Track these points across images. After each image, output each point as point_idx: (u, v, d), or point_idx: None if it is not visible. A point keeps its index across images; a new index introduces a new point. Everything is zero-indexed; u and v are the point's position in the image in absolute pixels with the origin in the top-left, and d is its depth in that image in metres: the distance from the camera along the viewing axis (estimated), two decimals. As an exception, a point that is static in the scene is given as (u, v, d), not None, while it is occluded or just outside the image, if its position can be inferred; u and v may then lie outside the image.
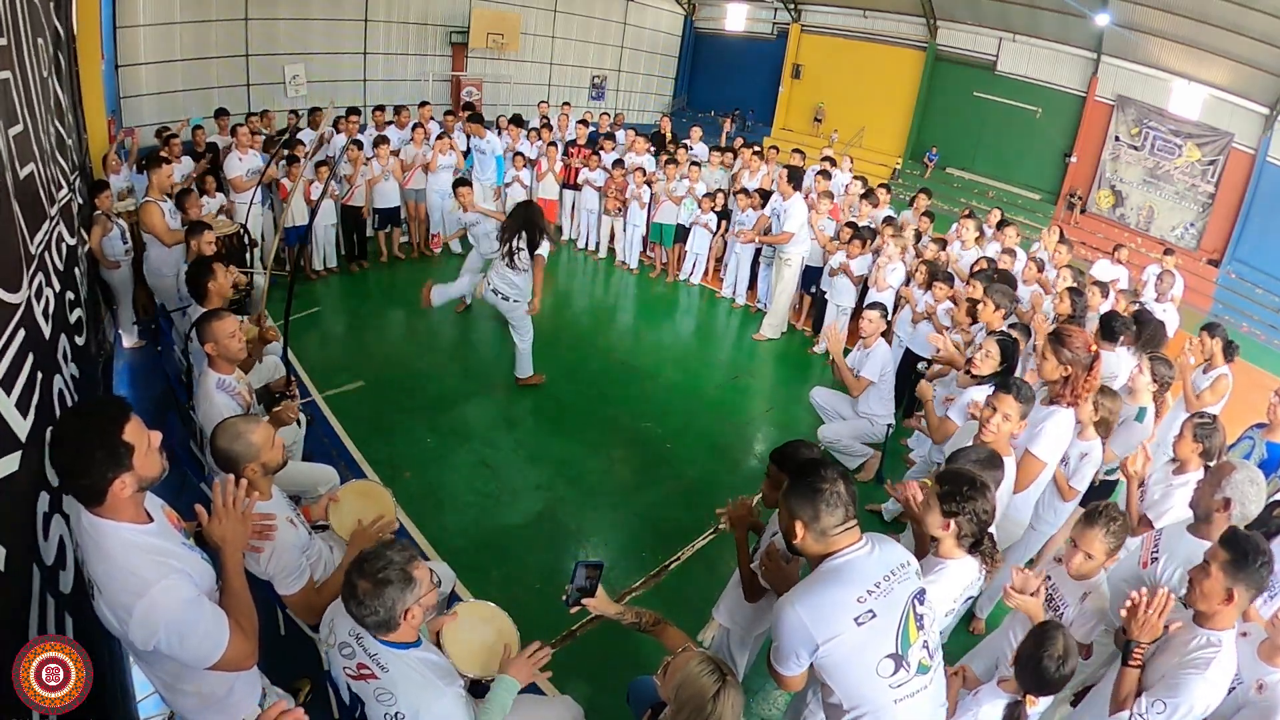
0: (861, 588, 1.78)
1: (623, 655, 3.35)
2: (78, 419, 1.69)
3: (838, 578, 1.81)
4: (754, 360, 7.02)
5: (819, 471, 1.86)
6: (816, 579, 1.84)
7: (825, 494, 1.80)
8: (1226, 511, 2.49)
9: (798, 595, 1.82)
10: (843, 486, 1.83)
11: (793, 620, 1.78)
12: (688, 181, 8.16)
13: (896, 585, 1.82)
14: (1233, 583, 1.99)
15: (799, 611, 1.78)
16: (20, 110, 2.64)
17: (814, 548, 1.86)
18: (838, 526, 1.81)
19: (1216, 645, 2.02)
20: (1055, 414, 3.02)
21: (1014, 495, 3.03)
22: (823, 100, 17.77)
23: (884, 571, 1.82)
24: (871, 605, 1.76)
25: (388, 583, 1.78)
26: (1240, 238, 12.78)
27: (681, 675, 1.72)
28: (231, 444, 2.24)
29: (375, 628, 1.82)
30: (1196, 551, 2.47)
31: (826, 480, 1.82)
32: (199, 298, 3.70)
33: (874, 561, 1.83)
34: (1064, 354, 3.01)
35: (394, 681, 1.84)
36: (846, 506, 1.82)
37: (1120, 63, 13.51)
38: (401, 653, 1.87)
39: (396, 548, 1.87)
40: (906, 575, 1.86)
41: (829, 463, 1.94)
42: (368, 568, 1.80)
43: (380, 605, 1.78)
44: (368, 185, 7.36)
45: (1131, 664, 2.09)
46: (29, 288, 2.38)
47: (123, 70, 9.83)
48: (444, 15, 14.21)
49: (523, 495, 4.45)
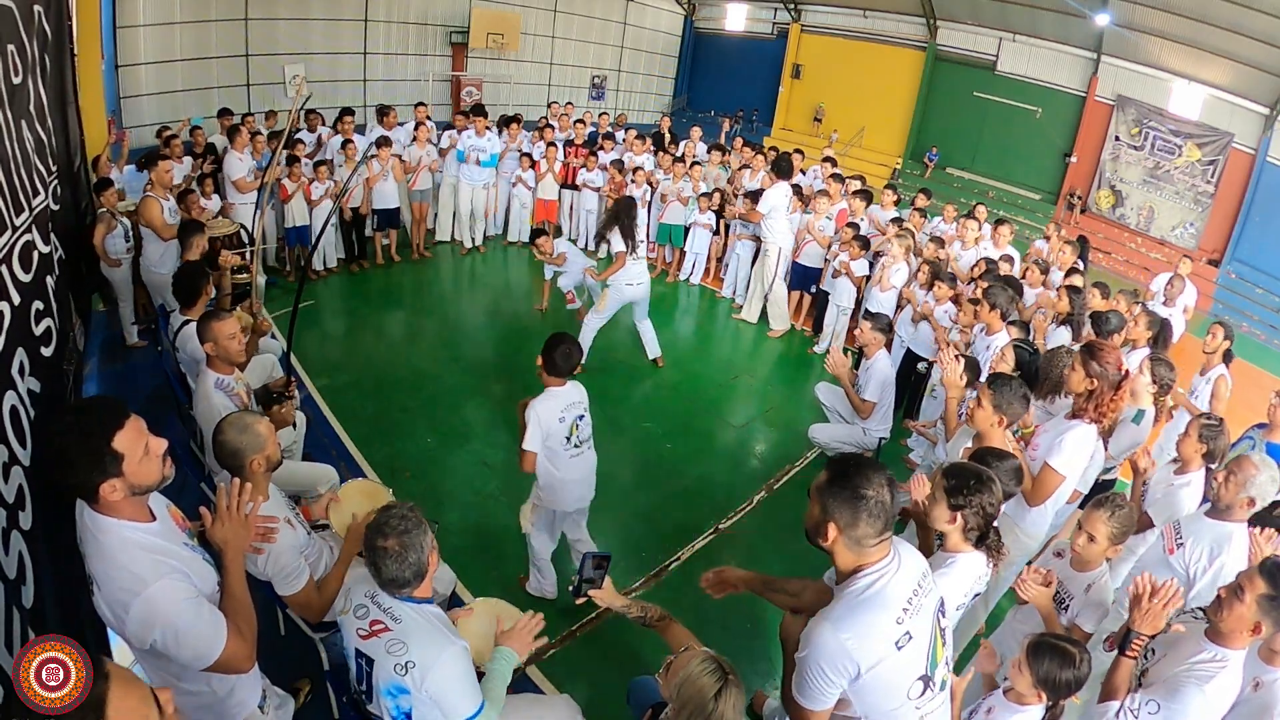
0: (898, 608, 1.68)
1: (623, 655, 3.35)
2: (67, 418, 1.66)
3: (878, 600, 1.68)
4: (754, 360, 7.02)
5: (865, 474, 1.68)
6: (855, 601, 1.70)
7: (869, 502, 1.66)
8: (1250, 508, 2.61)
9: (838, 618, 1.68)
10: (888, 495, 1.68)
11: (833, 646, 1.65)
12: (689, 181, 8.17)
13: (924, 600, 1.74)
14: (1264, 617, 1.96)
15: (841, 637, 1.64)
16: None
17: (844, 556, 1.73)
18: (875, 538, 1.69)
19: (1223, 662, 1.99)
20: (1077, 428, 2.95)
21: (1030, 509, 3.00)
22: (823, 100, 17.78)
23: (912, 586, 1.73)
24: (908, 626, 1.68)
25: (409, 532, 1.86)
26: (1240, 238, 12.79)
27: (683, 674, 1.71)
28: (240, 436, 2.24)
29: (414, 579, 1.89)
30: (1220, 534, 2.62)
31: (872, 486, 1.66)
32: (187, 302, 3.70)
33: (903, 577, 1.73)
34: (1093, 368, 2.94)
35: (406, 631, 1.88)
36: (888, 517, 1.69)
37: (1120, 63, 13.52)
38: (416, 606, 1.93)
39: (395, 506, 1.93)
40: (929, 587, 1.78)
41: (876, 464, 1.75)
42: (389, 529, 1.86)
43: (414, 554, 1.86)
44: (366, 185, 7.36)
45: (1128, 654, 2.07)
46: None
47: (123, 70, 9.84)
48: (444, 15, 14.22)
49: (523, 495, 4.43)
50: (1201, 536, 2.65)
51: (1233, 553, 2.58)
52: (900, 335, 5.86)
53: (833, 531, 1.71)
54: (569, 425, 3.23)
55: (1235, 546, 2.59)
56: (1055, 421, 3.13)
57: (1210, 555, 2.60)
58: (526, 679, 3.11)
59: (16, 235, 2.73)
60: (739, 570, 2.52)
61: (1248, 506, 2.60)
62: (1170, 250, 13.47)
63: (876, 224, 7.36)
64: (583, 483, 3.43)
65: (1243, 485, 2.58)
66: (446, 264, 8.41)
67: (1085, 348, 3.06)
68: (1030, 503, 2.95)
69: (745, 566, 4.03)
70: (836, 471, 1.73)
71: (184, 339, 3.59)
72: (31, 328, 2.77)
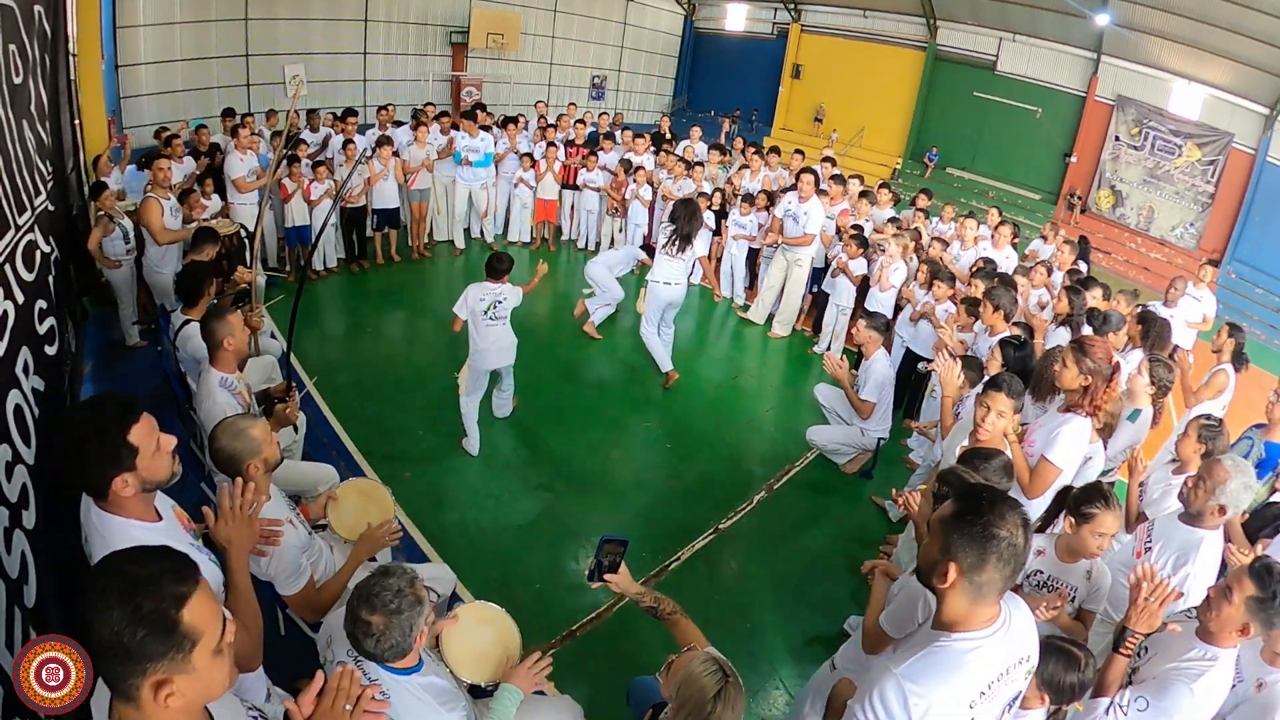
0: (984, 683, 1.48)
1: (623, 655, 3.35)
2: (83, 413, 1.69)
3: (966, 670, 1.46)
4: (754, 360, 7.03)
5: (999, 511, 1.46)
6: (939, 658, 1.48)
7: (1001, 544, 1.43)
8: (1221, 515, 2.50)
9: (911, 669, 1.47)
10: (1022, 538, 1.45)
11: (896, 697, 1.44)
12: (690, 182, 8.16)
13: (1004, 688, 1.52)
14: (1251, 618, 1.96)
15: (907, 687, 1.44)
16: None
17: (957, 603, 1.49)
18: (1000, 586, 1.47)
19: (1212, 661, 1.99)
20: (1072, 421, 2.98)
21: (1029, 501, 3.00)
22: (823, 100, 17.77)
23: (1007, 664, 1.52)
24: (980, 709, 1.48)
25: (400, 612, 1.73)
26: (1240, 238, 12.79)
27: (684, 674, 1.71)
28: (234, 441, 2.24)
29: (393, 659, 1.78)
30: (1190, 539, 2.52)
31: (1006, 525, 1.44)
32: (189, 301, 3.71)
33: (1004, 648, 1.51)
34: (1085, 363, 2.96)
35: (396, 710, 1.78)
36: (1018, 565, 1.46)
37: (1120, 63, 13.51)
38: (403, 679, 1.82)
39: (396, 573, 1.81)
40: (1017, 675, 1.56)
41: (1012, 501, 1.52)
42: (377, 602, 1.72)
43: (397, 635, 1.74)
44: (367, 185, 7.36)
45: (1122, 652, 2.08)
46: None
47: (123, 70, 9.83)
48: (444, 15, 14.21)
49: (523, 495, 4.45)
50: (1170, 541, 2.57)
51: (1199, 562, 2.48)
52: (900, 335, 5.87)
53: (953, 573, 1.47)
54: (488, 304, 4.45)
55: (1203, 556, 2.48)
56: (1049, 415, 3.14)
57: (1176, 563, 2.50)
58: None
59: (20, 234, 2.73)
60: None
61: (1218, 514, 2.48)
62: (1170, 250, 13.49)
63: (875, 223, 7.36)
64: (499, 348, 4.57)
65: (1212, 492, 2.46)
66: (446, 264, 8.41)
67: (1075, 344, 3.09)
68: (1028, 496, 2.96)
69: (745, 567, 4.09)
70: (967, 503, 1.50)
71: (184, 338, 3.60)
72: (35, 327, 2.77)
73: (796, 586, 3.97)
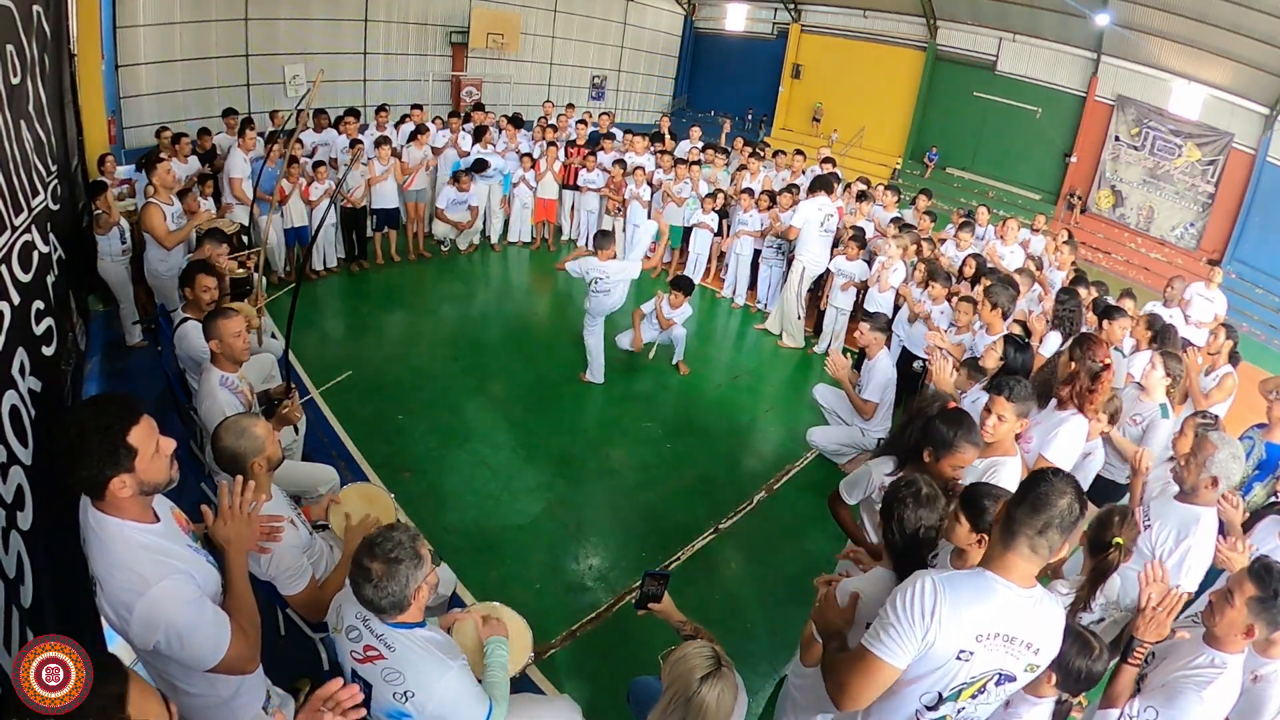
0: (998, 628, 1.59)
1: (623, 655, 3.36)
2: (84, 411, 1.68)
3: (993, 602, 1.58)
4: (754, 360, 7.02)
5: (1051, 483, 1.58)
6: (978, 584, 1.61)
7: (1055, 510, 1.54)
8: (1214, 488, 2.61)
9: (951, 580, 1.60)
10: (1079, 510, 1.57)
11: (931, 596, 1.57)
12: (690, 182, 8.16)
13: (1007, 654, 1.62)
14: (1255, 618, 1.97)
15: (939, 595, 1.56)
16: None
17: (1007, 556, 1.59)
18: (1044, 551, 1.57)
19: (1221, 668, 2.00)
20: (1070, 420, 3.05)
21: None
22: (823, 100, 17.77)
23: (1019, 631, 1.61)
24: (979, 649, 1.59)
25: (399, 561, 1.80)
26: (1240, 238, 12.78)
27: (678, 655, 1.77)
28: (238, 440, 2.24)
29: (389, 609, 1.83)
30: (1188, 516, 2.63)
31: (1058, 494, 1.56)
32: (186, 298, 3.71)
33: (1026, 615, 1.61)
34: (1076, 353, 3.08)
35: (401, 660, 1.85)
36: (1066, 535, 1.56)
37: (1120, 63, 13.51)
38: (408, 632, 1.89)
39: (400, 528, 1.88)
40: (1020, 653, 1.65)
41: (1064, 474, 1.64)
42: (379, 550, 1.81)
43: (395, 585, 1.80)
44: (367, 185, 7.36)
45: (1131, 662, 2.07)
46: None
47: (123, 70, 9.83)
48: (444, 15, 14.21)
49: (523, 495, 4.45)
50: (1169, 519, 2.67)
51: (1200, 535, 2.59)
52: (898, 334, 5.87)
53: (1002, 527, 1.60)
54: (596, 276, 5.33)
55: (1202, 529, 2.60)
56: (1047, 414, 3.17)
57: (1177, 537, 2.61)
58: (526, 679, 3.11)
59: (16, 235, 2.73)
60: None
61: (1212, 487, 2.60)
62: (1170, 250, 13.49)
63: (878, 224, 7.36)
64: (612, 303, 5.46)
65: (1203, 465, 2.59)
66: (446, 264, 8.41)
67: (1079, 338, 3.13)
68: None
69: (745, 567, 4.09)
70: (1023, 485, 1.64)
71: (181, 336, 3.59)
72: (32, 327, 2.77)
73: (796, 586, 3.97)
